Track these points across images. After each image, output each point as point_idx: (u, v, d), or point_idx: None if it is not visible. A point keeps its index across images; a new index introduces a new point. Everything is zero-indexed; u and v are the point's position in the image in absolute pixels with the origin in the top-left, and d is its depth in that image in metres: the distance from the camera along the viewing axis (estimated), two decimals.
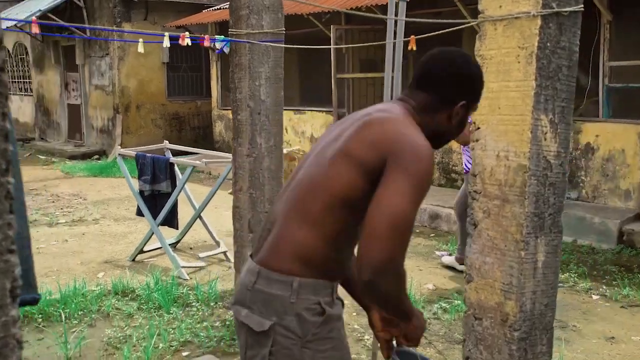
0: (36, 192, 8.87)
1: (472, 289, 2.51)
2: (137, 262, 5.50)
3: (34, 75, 15.44)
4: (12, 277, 0.73)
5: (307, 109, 10.43)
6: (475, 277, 2.49)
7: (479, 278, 2.47)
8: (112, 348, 3.80)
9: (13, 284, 0.72)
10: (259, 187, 3.89)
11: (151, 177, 5.31)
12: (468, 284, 2.53)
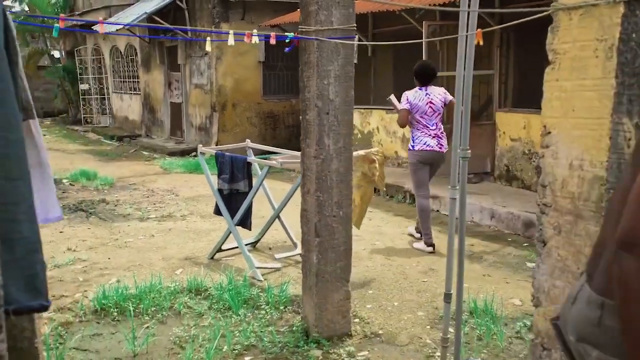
0: (134, 187, 9.24)
1: (540, 314, 2.23)
2: (216, 261, 5.53)
3: (141, 75, 16.19)
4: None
5: None
6: (543, 302, 2.21)
7: (548, 303, 2.19)
8: (177, 347, 3.80)
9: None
10: (326, 190, 3.75)
11: (229, 176, 5.31)
12: (536, 309, 2.26)
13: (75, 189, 9.09)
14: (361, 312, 4.35)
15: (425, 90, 5.85)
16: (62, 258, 5.52)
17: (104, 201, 8.10)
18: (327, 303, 3.85)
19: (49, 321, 4.15)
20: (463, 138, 2.95)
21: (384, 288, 4.85)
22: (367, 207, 5.21)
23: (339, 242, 3.85)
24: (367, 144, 10.65)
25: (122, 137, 15.62)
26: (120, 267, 5.32)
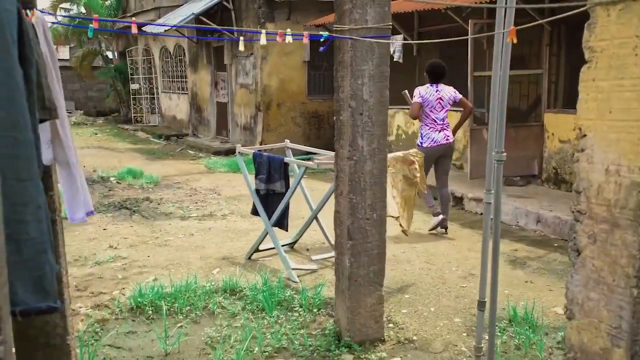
0: (178, 186, 9.36)
1: (573, 328, 2.11)
2: (253, 261, 5.52)
3: (189, 74, 16.43)
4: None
5: None
6: (577, 315, 2.09)
7: (582, 316, 2.07)
8: (209, 347, 3.80)
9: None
10: (359, 192, 3.68)
11: (266, 177, 5.30)
12: (569, 322, 2.14)
13: (122, 187, 9.27)
14: (396, 317, 4.26)
15: (436, 87, 6.38)
16: (103, 255, 5.62)
17: (148, 199, 8.23)
18: (360, 307, 3.78)
19: (86, 318, 4.22)
20: (499, 140, 2.84)
21: (421, 293, 4.74)
22: (412, 211, 5.11)
23: (373, 246, 3.77)
24: (412, 145, 10.50)
25: (170, 136, 15.88)
26: (159, 265, 5.38)
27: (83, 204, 2.65)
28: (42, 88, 2.12)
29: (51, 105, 2.17)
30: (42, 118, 2.15)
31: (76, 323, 4.17)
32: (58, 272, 3.08)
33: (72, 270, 5.24)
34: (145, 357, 3.70)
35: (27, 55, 1.75)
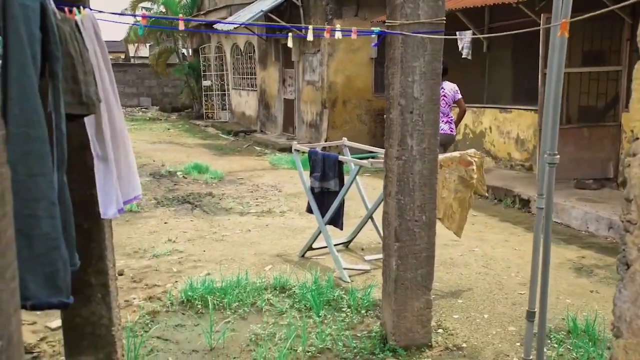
0: (241, 182, 9.48)
1: (620, 347, 1.94)
2: (306, 259, 5.50)
3: (258, 71, 16.63)
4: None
5: (514, 107, 9.61)
6: (625, 333, 1.93)
7: (630, 335, 1.90)
8: (253, 344, 3.79)
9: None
10: (408, 193, 3.57)
11: (321, 175, 5.26)
12: (616, 340, 1.97)
13: (187, 181, 9.48)
14: (446, 322, 4.12)
15: (441, 85, 6.52)
16: (161, 248, 5.74)
17: (210, 194, 8.36)
18: (406, 311, 3.67)
19: (138, 309, 4.31)
20: (551, 142, 2.67)
21: (476, 298, 4.57)
22: (467, 214, 4.92)
23: (421, 248, 3.65)
24: (479, 144, 10.21)
25: (238, 132, 16.13)
26: (213, 260, 5.44)
27: (116, 201, 2.68)
28: (79, 84, 2.16)
29: (89, 100, 2.20)
30: (80, 113, 2.19)
31: (129, 314, 4.27)
32: (102, 266, 3.16)
33: (130, 262, 5.38)
34: (191, 350, 3.73)
35: (52, 51, 1.77)
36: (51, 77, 1.80)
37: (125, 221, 6.86)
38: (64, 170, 1.91)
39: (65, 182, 1.92)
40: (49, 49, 1.76)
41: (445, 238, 5.82)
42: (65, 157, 1.91)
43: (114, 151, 2.71)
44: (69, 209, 1.96)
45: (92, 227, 3.09)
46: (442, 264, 5.35)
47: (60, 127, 1.86)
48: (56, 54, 1.78)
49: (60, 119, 1.85)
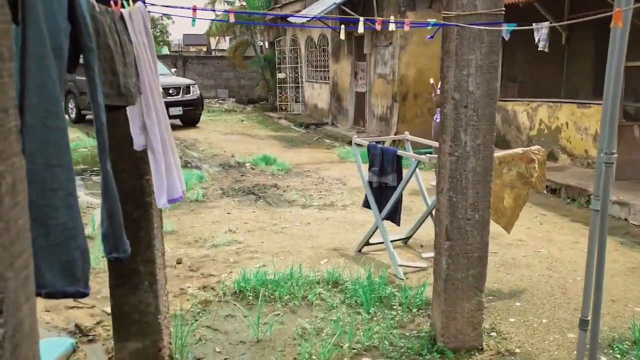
0: (307, 174, 9.51)
1: None
2: (363, 254, 5.44)
3: (331, 64, 16.63)
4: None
5: (593, 103, 9.13)
6: None
7: None
8: (300, 338, 3.78)
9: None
10: (460, 190, 3.45)
11: (379, 169, 5.18)
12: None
13: (254, 172, 9.60)
14: (501, 325, 3.96)
15: None
16: (221, 239, 5.83)
17: (275, 186, 8.44)
18: (456, 312, 3.55)
19: (191, 298, 4.39)
20: (609, 139, 2.49)
21: (535, 302, 4.37)
22: (520, 211, 4.71)
23: (473, 248, 3.52)
24: (554, 140, 9.79)
25: (309, 125, 16.20)
26: (270, 252, 5.47)
27: (166, 191, 2.72)
28: (117, 75, 2.20)
29: (127, 92, 2.24)
30: (118, 104, 2.23)
31: (182, 302, 4.37)
32: (151, 254, 3.22)
33: (190, 251, 5.50)
34: (238, 341, 3.77)
35: (85, 43, 1.80)
36: (86, 68, 1.84)
37: (190, 210, 7.03)
38: (106, 160, 1.95)
39: (109, 171, 1.96)
40: (82, 41, 1.79)
41: (510, 237, 5.62)
42: (107, 146, 1.95)
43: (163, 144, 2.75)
44: (114, 197, 2.00)
45: (141, 217, 3.17)
46: (503, 264, 5.16)
47: (100, 117, 1.89)
48: (89, 45, 1.81)
49: (98, 109, 1.89)
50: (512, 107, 10.94)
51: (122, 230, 1.98)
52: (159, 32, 42.81)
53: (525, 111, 10.59)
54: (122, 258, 2.00)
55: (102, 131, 1.88)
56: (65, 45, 1.65)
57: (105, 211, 1.95)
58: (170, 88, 15.25)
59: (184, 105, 15.48)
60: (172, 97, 15.15)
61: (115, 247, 1.97)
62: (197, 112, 16.26)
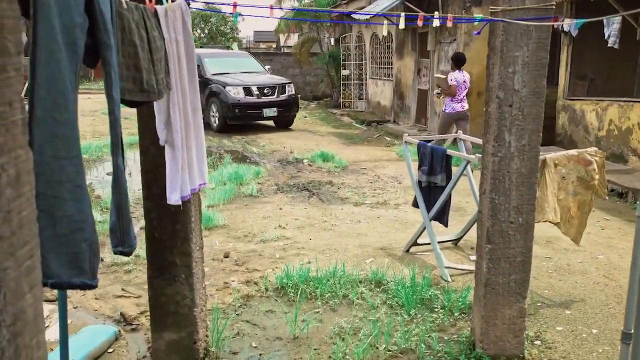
0: (363, 172, 9.45)
1: None
2: (410, 254, 5.35)
3: (394, 61, 16.46)
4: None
5: None
6: None
7: None
8: (337, 337, 3.75)
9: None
10: (503, 192, 3.32)
11: (428, 168, 5.08)
12: None
13: (311, 169, 9.63)
14: (546, 333, 3.80)
15: (462, 72, 9.50)
16: (270, 234, 5.87)
17: (330, 183, 8.43)
18: (496, 318, 3.43)
19: (234, 292, 4.44)
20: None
21: (587, 310, 4.17)
22: (586, 218, 4.50)
23: (515, 252, 3.39)
24: (624, 142, 9.32)
25: (371, 122, 16.09)
26: (317, 249, 5.47)
27: (181, 188, 2.75)
28: (141, 71, 2.23)
29: (150, 88, 2.27)
30: (140, 100, 2.26)
31: (224, 296, 4.42)
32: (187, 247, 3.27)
33: (238, 246, 5.57)
34: (275, 337, 3.78)
35: (102, 39, 1.83)
36: (103, 64, 1.87)
37: (244, 205, 7.12)
38: (118, 154, 1.98)
39: (120, 166, 1.99)
40: (99, 37, 1.82)
41: (566, 242, 5.39)
42: (119, 141, 1.98)
43: (185, 140, 2.78)
44: (123, 192, 2.03)
45: (178, 210, 3.21)
46: (556, 270, 4.95)
47: (114, 112, 1.93)
48: (107, 42, 1.84)
49: (113, 104, 1.92)
50: (580, 106, 10.50)
51: (130, 225, 2.01)
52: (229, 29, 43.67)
53: (594, 110, 10.14)
54: (127, 252, 2.03)
55: (116, 126, 1.92)
56: (80, 41, 1.68)
57: (114, 205, 1.98)
58: (265, 87, 14.36)
59: (278, 106, 14.37)
60: (267, 97, 14.27)
61: (122, 241, 2.00)
62: (292, 114, 15.05)
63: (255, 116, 14.19)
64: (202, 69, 14.47)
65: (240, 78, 14.49)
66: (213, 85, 14.15)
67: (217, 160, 9.95)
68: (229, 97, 13.75)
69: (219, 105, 13.92)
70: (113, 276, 4.83)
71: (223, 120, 13.91)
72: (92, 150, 10.79)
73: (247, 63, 16.20)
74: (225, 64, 15.51)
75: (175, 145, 2.64)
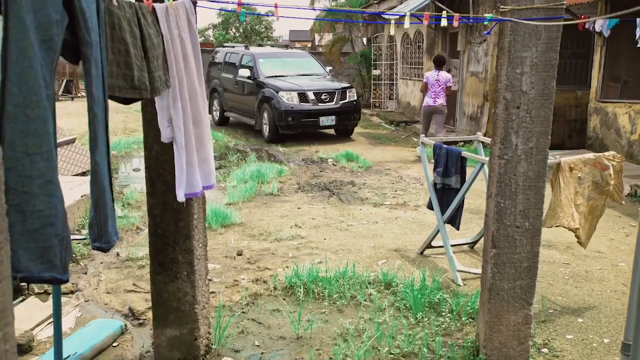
0: (387, 172, 9.38)
1: None
2: (424, 257, 5.29)
3: (425, 61, 16.31)
4: None
5: None
6: None
7: None
8: (340, 338, 3.73)
9: None
10: (509, 195, 3.25)
11: (443, 170, 5.01)
12: None
13: (334, 169, 9.60)
14: (555, 341, 3.71)
15: (437, 72, 10.66)
16: (286, 233, 5.88)
17: (352, 183, 8.39)
18: (501, 324, 3.36)
19: (242, 290, 4.45)
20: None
21: (600, 319, 4.06)
22: (597, 222, 4.38)
23: (521, 257, 3.31)
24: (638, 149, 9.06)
25: (400, 123, 15.97)
26: (330, 249, 5.44)
27: (185, 185, 2.76)
28: (132, 69, 2.24)
29: (141, 85, 2.29)
30: (131, 97, 2.28)
31: (233, 293, 4.44)
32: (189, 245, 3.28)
33: (252, 244, 5.59)
34: (279, 337, 3.78)
35: (82, 36, 1.85)
36: (83, 61, 1.89)
37: (263, 204, 7.14)
38: (96, 152, 1.99)
39: (98, 163, 2.01)
40: (80, 34, 1.84)
41: (588, 248, 5.24)
42: (99, 138, 1.99)
43: (187, 138, 2.79)
44: (102, 189, 2.04)
45: (180, 208, 3.23)
46: (573, 276, 4.83)
47: (93, 109, 1.94)
48: (87, 39, 1.86)
49: (92, 102, 1.94)
50: (612, 108, 10.24)
51: (107, 221, 2.02)
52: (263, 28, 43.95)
53: (627, 113, 9.87)
54: (105, 248, 2.05)
55: (94, 122, 1.93)
56: (57, 37, 1.70)
57: (92, 201, 2.00)
58: (322, 93, 12.73)
59: (337, 114, 12.70)
60: (324, 103, 12.64)
61: (99, 236, 2.01)
62: (352, 122, 13.38)
63: (310, 125, 12.56)
64: (255, 70, 13.35)
65: (296, 82, 12.96)
66: (266, 89, 12.69)
67: (242, 158, 10.00)
68: (281, 103, 12.20)
69: (270, 113, 12.39)
70: (127, 271, 4.90)
71: (274, 129, 12.39)
72: (121, 147, 10.97)
73: (306, 64, 14.73)
74: (281, 65, 14.19)
75: (178, 142, 2.65)
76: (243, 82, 13.61)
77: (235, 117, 14.53)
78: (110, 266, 5.01)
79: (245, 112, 13.69)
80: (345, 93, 13.07)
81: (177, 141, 2.68)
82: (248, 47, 15.29)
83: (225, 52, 15.58)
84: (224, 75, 14.78)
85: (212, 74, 15.54)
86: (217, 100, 15.17)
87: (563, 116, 11.97)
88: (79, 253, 5.13)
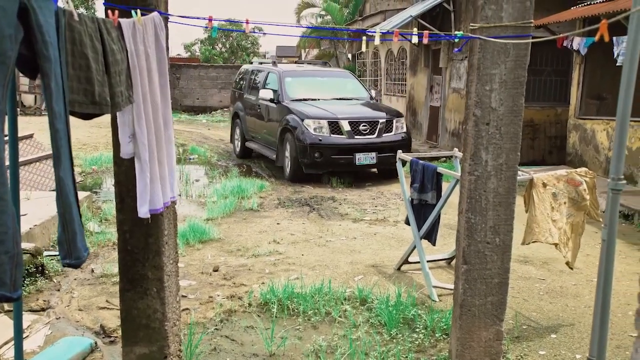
0: (368, 188, 9.39)
1: None
2: (401, 272, 5.28)
3: (408, 77, 16.43)
4: None
5: None
6: None
7: None
8: (313, 355, 3.70)
9: None
10: (479, 211, 3.26)
11: (420, 186, 5.02)
12: None
13: (315, 184, 9.58)
14: (528, 357, 3.71)
15: None
16: (264, 248, 5.85)
17: (332, 199, 8.38)
18: (472, 340, 3.35)
19: (217, 306, 4.41)
20: (616, 164, 2.27)
21: (574, 335, 4.06)
22: (580, 239, 4.40)
23: (492, 274, 3.31)
24: (635, 162, 9.16)
25: None
26: (307, 265, 5.42)
27: (149, 201, 2.74)
28: (92, 84, 2.23)
29: (102, 100, 2.27)
30: (92, 112, 2.26)
31: (207, 310, 4.40)
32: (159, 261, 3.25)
33: (229, 260, 5.55)
34: (252, 354, 3.75)
35: (40, 50, 1.84)
36: (41, 76, 1.87)
37: (242, 219, 7.11)
38: (59, 167, 1.97)
39: (62, 179, 1.99)
40: (37, 49, 1.83)
41: (563, 264, 5.26)
42: (62, 154, 1.98)
43: (157, 153, 2.78)
44: (68, 205, 2.02)
45: (151, 224, 3.20)
46: (548, 292, 4.85)
47: (54, 125, 1.93)
48: (45, 53, 1.84)
49: (53, 117, 1.92)
50: (590, 125, 10.36)
51: (76, 237, 2.00)
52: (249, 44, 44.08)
53: (604, 130, 9.99)
54: (75, 265, 2.02)
55: (57, 138, 1.91)
56: (11, 52, 1.68)
57: (59, 217, 1.97)
58: (361, 123, 9.74)
59: (379, 150, 9.64)
60: (363, 136, 9.68)
61: (69, 253, 1.99)
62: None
63: (343, 163, 9.59)
64: (281, 91, 10.63)
65: (328, 107, 10.06)
66: (290, 116, 9.92)
67: (222, 174, 9.96)
68: (306, 134, 9.42)
69: (293, 145, 9.64)
70: (100, 287, 4.84)
71: (296, 167, 9.63)
72: (102, 161, 10.89)
73: (345, 85, 11.73)
74: (313, 85, 11.29)
75: (142, 158, 2.64)
76: (266, 106, 10.92)
77: (255, 148, 11.65)
78: (84, 282, 4.95)
79: (267, 142, 10.95)
80: (391, 123, 10.12)
81: (140, 157, 2.66)
82: (276, 64, 12.46)
83: (250, 69, 12.80)
84: (247, 98, 12.08)
85: (235, 96, 13.05)
86: (238, 127, 12.43)
87: (544, 132, 12.09)
88: (53, 270, 5.06)
